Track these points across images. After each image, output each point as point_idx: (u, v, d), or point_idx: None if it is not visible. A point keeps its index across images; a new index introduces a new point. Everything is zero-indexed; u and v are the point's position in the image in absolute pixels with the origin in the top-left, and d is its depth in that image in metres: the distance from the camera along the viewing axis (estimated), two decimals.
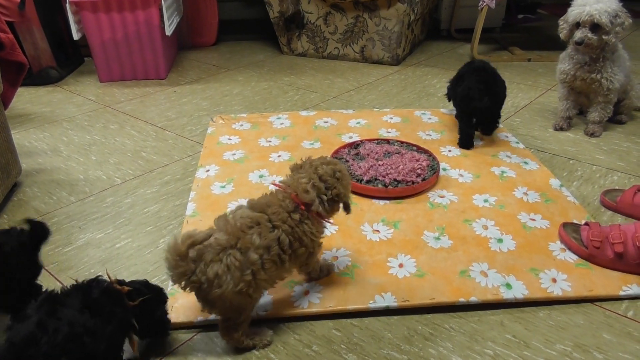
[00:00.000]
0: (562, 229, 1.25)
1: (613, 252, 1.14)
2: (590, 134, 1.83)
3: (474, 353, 0.96)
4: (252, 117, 1.94)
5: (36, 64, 2.45)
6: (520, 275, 1.12)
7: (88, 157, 1.73)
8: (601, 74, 1.72)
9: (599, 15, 1.61)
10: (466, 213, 1.35)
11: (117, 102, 2.24)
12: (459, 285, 1.10)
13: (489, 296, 1.07)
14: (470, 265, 1.15)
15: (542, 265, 1.16)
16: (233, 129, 1.84)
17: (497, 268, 1.15)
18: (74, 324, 0.78)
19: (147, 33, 2.40)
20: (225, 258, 0.85)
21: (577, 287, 1.09)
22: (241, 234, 0.88)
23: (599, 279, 1.12)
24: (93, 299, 0.83)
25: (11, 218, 1.40)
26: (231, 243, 0.87)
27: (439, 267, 1.15)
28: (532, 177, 1.52)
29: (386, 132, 1.81)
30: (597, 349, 0.97)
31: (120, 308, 0.86)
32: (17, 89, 1.56)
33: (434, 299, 1.07)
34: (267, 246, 0.90)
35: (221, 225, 0.91)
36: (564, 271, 1.14)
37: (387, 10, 2.59)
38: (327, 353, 0.96)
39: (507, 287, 1.09)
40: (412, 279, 1.12)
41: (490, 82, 1.66)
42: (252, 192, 1.44)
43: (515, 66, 2.67)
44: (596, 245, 1.16)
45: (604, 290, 1.09)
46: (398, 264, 1.16)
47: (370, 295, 1.07)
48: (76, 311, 0.80)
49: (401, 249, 1.21)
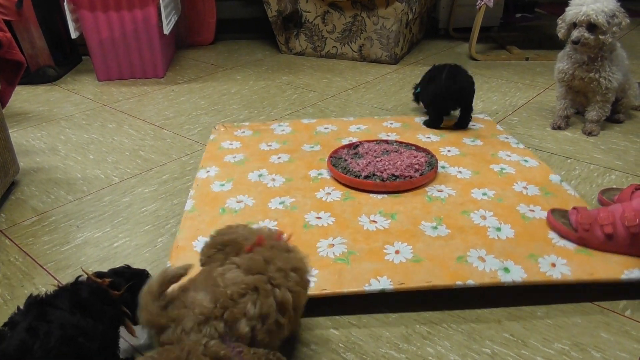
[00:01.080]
0: (550, 215, 1.25)
1: (603, 234, 1.14)
2: (588, 133, 1.83)
3: (472, 352, 0.96)
4: (254, 125, 1.94)
5: (34, 63, 2.45)
6: (518, 261, 1.12)
7: (86, 156, 1.73)
8: (599, 73, 1.73)
9: (596, 15, 1.61)
10: (464, 205, 1.35)
11: (115, 101, 2.23)
12: (456, 269, 1.10)
13: (486, 279, 1.07)
14: (467, 252, 1.15)
15: (541, 251, 1.15)
16: (235, 136, 1.84)
17: (495, 254, 1.14)
18: (65, 326, 0.76)
19: (145, 32, 2.40)
20: (206, 330, 0.73)
21: (577, 271, 1.09)
22: (230, 304, 0.75)
23: (600, 264, 1.11)
24: (82, 298, 0.82)
25: (9, 217, 1.40)
26: (216, 314, 0.74)
27: (436, 254, 1.15)
28: (532, 174, 1.51)
29: (386, 136, 1.81)
30: (595, 347, 0.97)
31: (109, 304, 0.84)
32: (15, 87, 1.56)
33: (430, 282, 1.06)
34: (265, 315, 0.77)
35: (206, 285, 0.78)
36: (563, 257, 1.13)
37: (385, 9, 2.59)
38: (325, 352, 0.96)
39: (505, 271, 1.08)
40: (409, 264, 1.12)
41: (459, 73, 1.78)
42: (251, 189, 1.45)
43: (513, 65, 2.68)
44: (586, 228, 1.16)
45: (605, 274, 1.08)
46: (394, 251, 1.16)
47: (366, 279, 1.07)
48: (67, 312, 0.78)
49: (398, 238, 1.21)
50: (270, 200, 1.40)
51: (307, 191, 1.44)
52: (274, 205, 1.37)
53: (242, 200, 1.40)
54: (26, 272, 1.18)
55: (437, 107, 1.86)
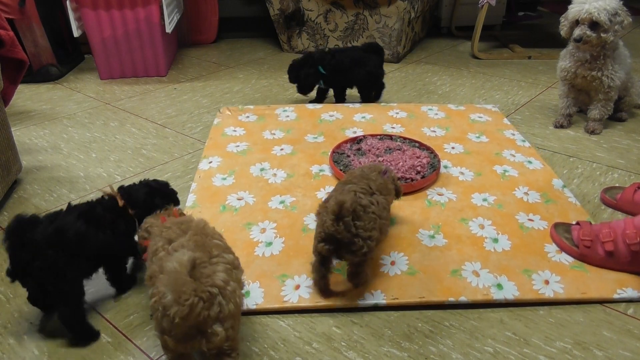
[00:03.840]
0: (553, 230, 1.25)
1: (604, 251, 1.13)
2: (591, 131, 1.83)
3: (474, 350, 0.96)
4: (259, 109, 1.94)
5: (36, 62, 2.45)
6: (512, 276, 1.12)
7: (88, 155, 1.73)
8: (602, 71, 1.72)
9: (598, 13, 1.61)
10: (463, 212, 1.35)
11: (117, 100, 2.23)
12: (449, 284, 1.10)
13: (479, 296, 1.07)
14: (462, 265, 1.15)
15: (535, 266, 1.15)
16: (239, 121, 1.84)
17: (490, 268, 1.14)
18: (67, 226, 0.95)
19: (148, 30, 2.40)
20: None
21: (569, 289, 1.08)
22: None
23: (593, 282, 1.11)
24: (89, 210, 1.01)
25: (11, 215, 1.39)
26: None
27: (431, 266, 1.15)
28: (535, 177, 1.51)
29: (391, 128, 1.80)
30: (597, 346, 0.97)
31: (114, 216, 1.03)
32: (18, 86, 1.55)
33: (423, 297, 1.07)
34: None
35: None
36: (557, 273, 1.13)
37: (387, 7, 2.59)
38: (327, 350, 0.97)
39: (498, 288, 1.08)
40: (403, 276, 1.12)
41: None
42: (252, 184, 1.45)
43: (515, 64, 2.67)
44: (587, 245, 1.16)
45: (598, 292, 1.08)
46: (390, 262, 1.16)
47: (360, 293, 1.07)
48: (73, 218, 0.97)
49: (394, 247, 1.21)
50: (271, 199, 1.40)
51: (308, 189, 1.44)
52: (274, 205, 1.37)
53: (242, 197, 1.40)
54: None
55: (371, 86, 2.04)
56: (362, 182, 1.08)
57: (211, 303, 0.77)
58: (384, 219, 1.08)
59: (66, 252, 0.93)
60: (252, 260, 1.18)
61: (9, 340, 1.00)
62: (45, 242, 0.92)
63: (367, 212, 1.01)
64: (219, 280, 0.79)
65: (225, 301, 0.79)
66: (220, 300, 0.78)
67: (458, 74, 2.52)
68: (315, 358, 0.95)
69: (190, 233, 0.87)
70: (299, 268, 1.14)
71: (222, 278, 0.80)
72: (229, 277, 0.81)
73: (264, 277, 1.12)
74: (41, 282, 0.94)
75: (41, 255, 0.91)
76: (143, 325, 1.02)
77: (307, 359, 0.95)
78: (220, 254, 0.85)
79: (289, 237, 1.25)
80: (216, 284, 0.78)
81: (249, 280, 1.11)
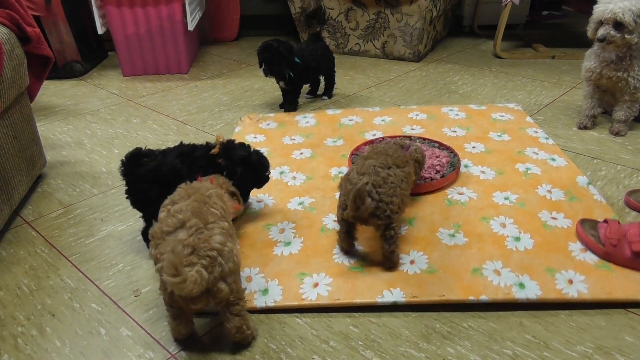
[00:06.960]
0: (579, 226, 1.22)
1: (630, 251, 1.11)
2: (616, 133, 1.80)
3: (493, 353, 0.95)
4: (279, 117, 1.94)
5: (61, 58, 2.49)
6: (535, 275, 1.10)
7: (111, 150, 1.76)
8: (628, 72, 1.69)
9: (622, 14, 1.58)
10: (484, 210, 1.33)
11: (139, 96, 2.26)
12: (470, 283, 1.08)
13: (500, 296, 1.05)
14: (483, 264, 1.14)
15: (559, 265, 1.13)
16: (260, 128, 1.85)
17: (512, 267, 1.12)
18: (165, 165, 1.15)
19: (170, 28, 2.42)
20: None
21: (594, 289, 1.06)
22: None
23: (619, 281, 1.09)
24: (189, 152, 1.21)
25: (35, 209, 1.42)
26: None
27: (451, 264, 1.14)
28: (559, 174, 1.48)
29: (410, 130, 1.79)
30: (619, 351, 0.95)
31: (205, 163, 1.20)
32: (43, 82, 1.58)
33: (443, 296, 1.06)
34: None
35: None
36: (582, 272, 1.10)
37: (409, 6, 2.57)
38: (344, 349, 0.96)
39: (519, 287, 1.07)
40: (423, 275, 1.11)
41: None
42: (272, 187, 1.45)
43: (539, 63, 2.64)
44: (613, 244, 1.13)
45: (623, 293, 1.06)
46: (409, 261, 1.15)
47: (379, 291, 1.07)
48: (174, 157, 1.17)
49: (414, 246, 1.20)
50: (290, 200, 1.40)
51: (327, 191, 1.44)
52: (293, 206, 1.38)
53: (262, 200, 1.41)
54: (52, 263, 1.21)
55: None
56: (381, 158, 1.17)
57: (213, 266, 0.85)
58: (404, 190, 1.16)
59: (161, 185, 1.12)
60: (271, 259, 1.18)
61: (32, 331, 1.02)
62: (144, 177, 1.14)
63: (386, 182, 1.10)
64: (216, 243, 0.87)
65: (225, 260, 0.87)
66: (220, 261, 0.86)
67: (480, 73, 2.49)
68: (332, 356, 0.95)
69: (191, 199, 0.95)
70: (317, 266, 1.15)
71: (218, 240, 0.88)
72: (225, 239, 0.89)
73: (282, 275, 1.13)
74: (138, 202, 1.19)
75: (140, 186, 1.15)
76: (162, 320, 1.03)
77: (324, 357, 0.95)
78: (217, 221, 0.92)
79: (307, 237, 1.25)
80: (214, 247, 0.86)
81: (268, 278, 1.11)
